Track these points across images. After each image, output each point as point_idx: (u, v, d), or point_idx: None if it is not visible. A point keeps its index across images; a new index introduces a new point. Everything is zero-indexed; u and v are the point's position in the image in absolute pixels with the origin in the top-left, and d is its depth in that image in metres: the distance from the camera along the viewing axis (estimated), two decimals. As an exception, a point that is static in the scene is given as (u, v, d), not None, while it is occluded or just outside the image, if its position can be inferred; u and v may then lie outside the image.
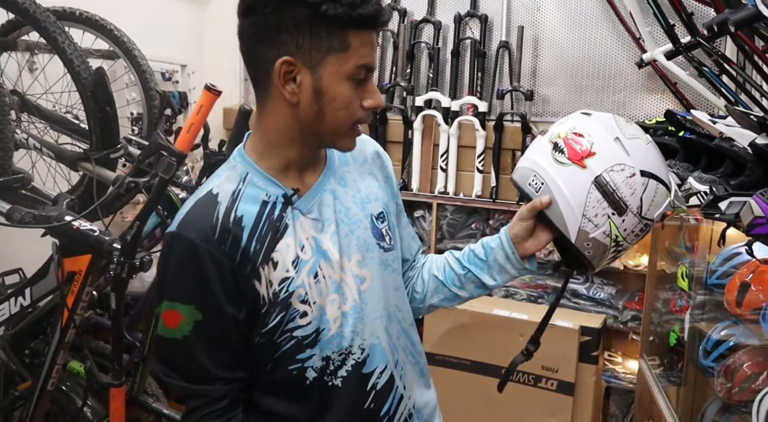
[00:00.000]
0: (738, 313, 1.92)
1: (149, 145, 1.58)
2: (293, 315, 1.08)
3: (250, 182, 1.09)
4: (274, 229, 1.07)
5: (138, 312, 2.22)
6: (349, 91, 1.03)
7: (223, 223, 1.04)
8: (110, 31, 2.21)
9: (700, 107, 2.70)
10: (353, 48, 1.01)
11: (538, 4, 3.19)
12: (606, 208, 1.14)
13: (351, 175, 1.19)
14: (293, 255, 1.07)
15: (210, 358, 1.07)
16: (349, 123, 1.06)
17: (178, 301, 1.05)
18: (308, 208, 1.11)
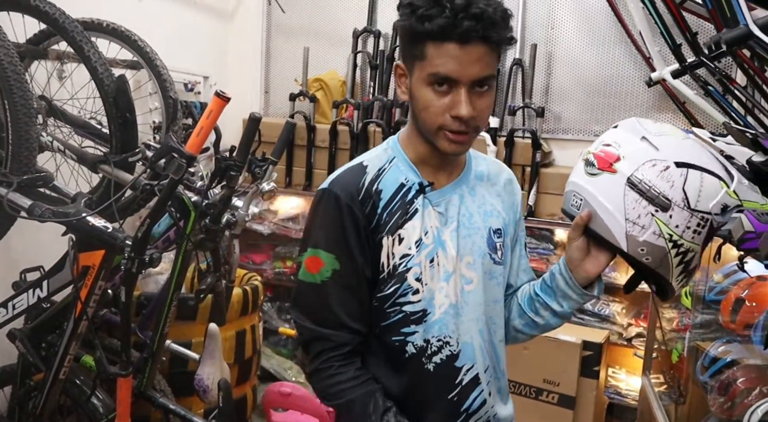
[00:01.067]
0: (732, 329, 1.94)
1: (161, 147, 1.66)
2: (406, 290, 1.20)
3: (395, 165, 1.24)
4: (404, 210, 1.20)
5: (150, 311, 2.29)
6: (429, 96, 1.12)
7: (368, 189, 1.20)
8: (134, 41, 2.33)
9: (708, 126, 2.73)
10: (428, 58, 1.10)
11: (553, 23, 3.26)
12: (647, 207, 1.11)
13: (481, 189, 1.30)
14: (417, 236, 1.20)
15: (342, 306, 1.19)
16: (433, 126, 1.15)
17: (322, 249, 1.19)
18: (437, 201, 1.23)
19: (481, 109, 1.13)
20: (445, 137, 1.15)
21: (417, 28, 1.09)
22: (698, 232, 1.13)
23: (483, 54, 1.09)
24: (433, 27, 1.07)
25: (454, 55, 1.08)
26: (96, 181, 2.32)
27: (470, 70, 1.09)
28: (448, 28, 1.06)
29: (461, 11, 1.05)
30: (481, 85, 1.12)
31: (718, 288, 2.12)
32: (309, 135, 3.52)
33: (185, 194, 1.98)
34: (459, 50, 1.07)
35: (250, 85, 3.90)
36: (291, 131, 2.46)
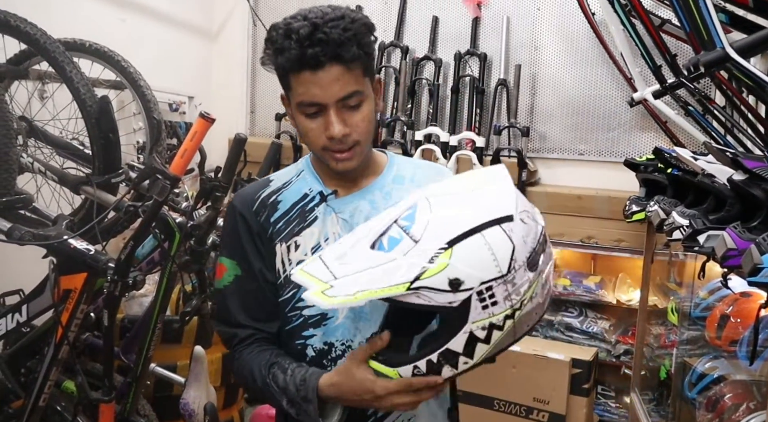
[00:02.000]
0: (718, 345, 1.94)
1: (144, 169, 1.65)
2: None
3: (302, 178, 1.30)
4: (302, 218, 1.25)
5: (134, 334, 2.26)
6: (304, 123, 1.17)
7: (263, 200, 1.27)
8: (117, 62, 2.32)
9: (690, 145, 2.77)
10: (293, 87, 1.15)
11: (536, 44, 3.30)
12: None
13: (400, 193, 1.28)
14: (314, 243, 1.23)
15: (242, 308, 1.25)
16: (317, 148, 1.19)
17: (224, 256, 1.28)
18: (341, 209, 1.26)
19: (355, 124, 1.16)
20: (331, 157, 1.19)
21: (276, 63, 1.14)
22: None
23: (340, 74, 1.12)
24: (285, 61, 1.11)
25: (312, 81, 1.12)
26: (78, 202, 2.29)
27: (330, 91, 1.12)
28: (298, 58, 1.10)
29: (306, 40, 1.09)
30: (349, 101, 1.15)
31: (703, 304, 2.13)
32: (295, 155, 3.52)
33: (170, 215, 1.96)
34: (314, 76, 1.11)
35: (236, 104, 3.90)
36: (277, 151, 2.47)
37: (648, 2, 2.56)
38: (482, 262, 0.97)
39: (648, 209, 2.27)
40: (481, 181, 1.11)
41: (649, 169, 2.57)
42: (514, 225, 1.00)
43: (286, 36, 1.11)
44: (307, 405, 1.13)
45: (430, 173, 1.34)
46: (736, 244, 1.46)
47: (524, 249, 1.00)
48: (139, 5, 3.17)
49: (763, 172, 1.44)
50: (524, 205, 1.06)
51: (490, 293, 0.97)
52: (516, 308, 1.00)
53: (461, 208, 1.02)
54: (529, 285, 1.00)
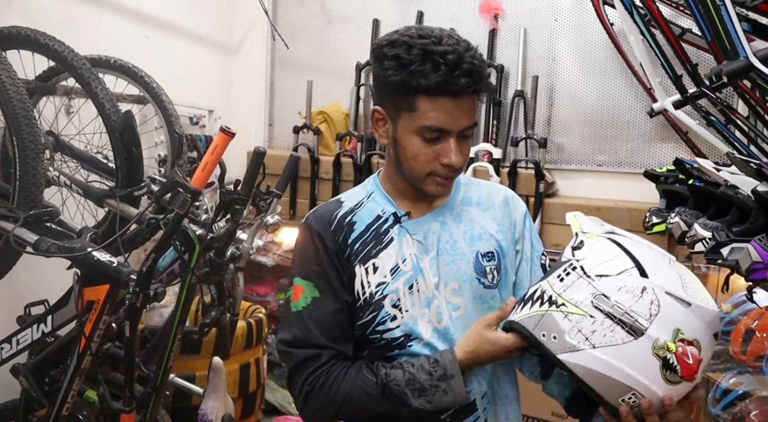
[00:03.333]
0: (743, 360, 1.91)
1: (166, 182, 1.67)
2: (384, 318, 1.22)
3: (373, 199, 1.30)
4: (378, 240, 1.25)
5: (154, 345, 2.28)
6: (418, 145, 1.17)
7: (340, 220, 1.27)
8: (141, 77, 2.36)
9: (712, 155, 2.74)
10: (420, 111, 1.14)
11: (554, 55, 3.29)
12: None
13: (469, 214, 1.31)
14: (393, 264, 1.24)
15: (323, 330, 1.22)
16: (422, 173, 1.20)
17: (301, 278, 1.25)
18: (415, 230, 1.26)
19: (465, 154, 1.19)
20: (433, 182, 1.20)
21: (410, 82, 1.12)
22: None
23: (471, 105, 1.15)
24: (429, 83, 1.10)
25: (447, 108, 1.12)
26: (101, 215, 2.32)
27: (461, 121, 1.14)
28: (444, 84, 1.10)
29: (455, 68, 1.09)
30: (467, 132, 1.17)
31: (727, 318, 2.10)
32: (313, 167, 3.54)
33: (190, 228, 1.98)
34: (452, 104, 1.12)
35: (255, 118, 3.94)
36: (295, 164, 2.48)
37: (668, 11, 2.56)
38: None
39: (669, 221, 2.24)
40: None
41: (669, 180, 2.54)
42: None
43: (428, 57, 1.11)
44: (448, 382, 1.15)
45: (492, 192, 1.36)
46: (762, 257, 1.45)
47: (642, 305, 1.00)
48: (162, 22, 3.23)
49: (788, 183, 1.43)
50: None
51: (572, 268, 1.08)
52: (556, 299, 1.06)
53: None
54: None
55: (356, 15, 3.69)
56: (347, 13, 3.73)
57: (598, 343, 0.99)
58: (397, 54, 1.13)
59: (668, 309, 0.98)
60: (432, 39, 1.12)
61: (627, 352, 0.97)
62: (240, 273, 2.21)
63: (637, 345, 0.97)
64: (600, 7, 2.81)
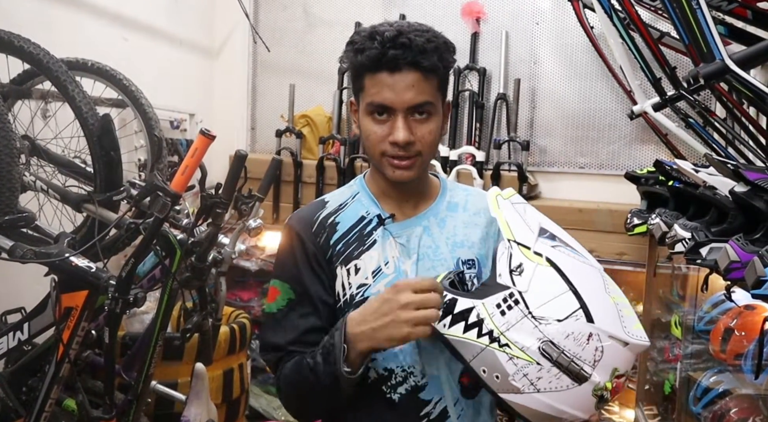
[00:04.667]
0: (722, 359, 1.93)
1: (146, 186, 1.66)
2: None
3: (358, 200, 1.29)
4: (361, 241, 1.24)
5: (135, 352, 2.25)
6: (369, 125, 1.17)
7: (322, 221, 1.26)
8: (119, 80, 2.33)
9: (691, 157, 2.77)
10: (366, 88, 1.16)
11: (536, 58, 3.31)
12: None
13: (453, 220, 1.30)
14: (375, 266, 1.23)
15: (296, 332, 1.22)
16: (376, 153, 1.19)
17: (277, 278, 1.26)
18: (398, 233, 1.25)
19: (421, 135, 1.16)
20: (388, 163, 1.19)
21: (354, 61, 1.16)
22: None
23: (415, 80, 1.13)
24: (364, 59, 1.13)
25: (386, 83, 1.13)
26: (80, 220, 2.29)
27: (403, 96, 1.13)
28: (378, 57, 1.12)
29: (389, 41, 1.11)
30: (419, 111, 1.15)
31: (707, 318, 2.12)
32: (296, 171, 3.53)
33: (171, 232, 1.96)
34: (390, 78, 1.13)
35: (237, 121, 3.92)
36: (277, 167, 2.47)
37: (647, 15, 2.58)
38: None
39: (649, 222, 2.26)
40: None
41: (650, 182, 2.57)
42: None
43: (370, 37, 1.14)
44: (333, 336, 1.11)
45: (478, 199, 1.34)
46: (739, 257, 1.46)
47: (571, 341, 1.00)
48: (141, 24, 3.20)
49: (765, 183, 1.44)
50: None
51: (513, 300, 1.04)
52: (499, 337, 1.02)
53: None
54: (526, 350, 1.01)
55: (338, 18, 3.68)
56: (329, 16, 3.72)
57: (543, 388, 1.01)
58: (352, 39, 1.18)
59: (610, 352, 1.00)
60: (386, 24, 1.16)
61: (570, 396, 1.01)
62: (222, 278, 2.19)
63: (579, 390, 1.01)
64: (580, 11, 2.83)
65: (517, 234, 1.11)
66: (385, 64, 1.12)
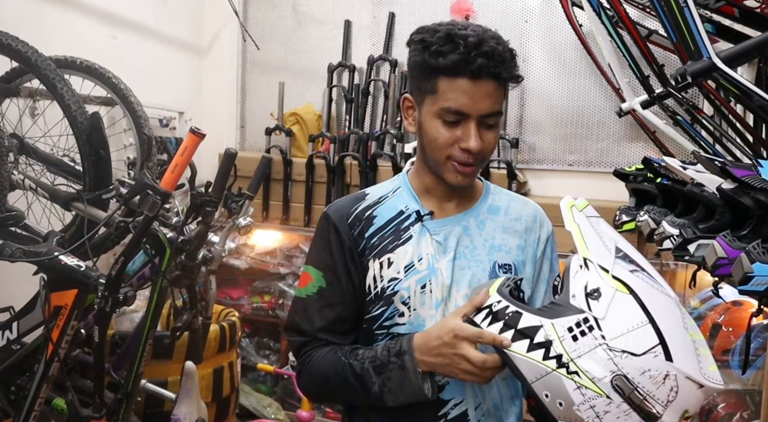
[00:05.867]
0: (710, 354, 1.94)
1: (135, 184, 1.65)
2: (393, 313, 1.22)
3: (398, 194, 1.29)
4: (396, 235, 1.24)
5: (125, 350, 2.25)
6: (439, 129, 1.16)
7: (359, 214, 1.26)
8: (108, 78, 2.32)
9: (679, 154, 2.79)
10: (440, 92, 1.14)
11: (525, 56, 3.32)
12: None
13: (493, 223, 1.29)
14: (408, 261, 1.22)
15: (323, 320, 1.23)
16: (441, 157, 1.18)
17: (311, 265, 1.27)
18: (436, 230, 1.25)
19: (488, 142, 1.17)
20: (452, 168, 1.18)
21: (430, 63, 1.14)
22: None
23: (493, 90, 1.13)
24: (447, 62, 1.11)
25: (466, 89, 1.12)
26: (69, 218, 2.28)
27: (480, 104, 1.13)
28: (461, 63, 1.11)
29: (474, 48, 1.10)
30: (489, 119, 1.16)
31: (695, 313, 2.14)
32: (285, 169, 3.52)
33: (160, 231, 1.96)
34: (471, 85, 1.12)
35: (226, 120, 3.91)
36: (267, 166, 2.47)
37: (635, 13, 2.60)
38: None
39: (638, 219, 2.27)
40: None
41: (638, 179, 2.58)
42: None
43: (449, 40, 1.12)
44: (401, 358, 1.12)
45: (520, 206, 1.35)
46: (726, 253, 1.47)
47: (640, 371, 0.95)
48: (130, 22, 3.18)
49: (752, 180, 1.45)
50: None
51: (588, 326, 0.98)
52: (568, 363, 0.97)
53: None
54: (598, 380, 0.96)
55: (327, 16, 3.68)
56: (318, 14, 3.72)
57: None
58: (423, 38, 1.16)
59: (684, 393, 0.95)
60: (458, 25, 1.15)
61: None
62: (212, 276, 2.19)
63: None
64: (569, 9, 2.84)
65: (594, 254, 1.06)
66: (468, 70, 1.11)
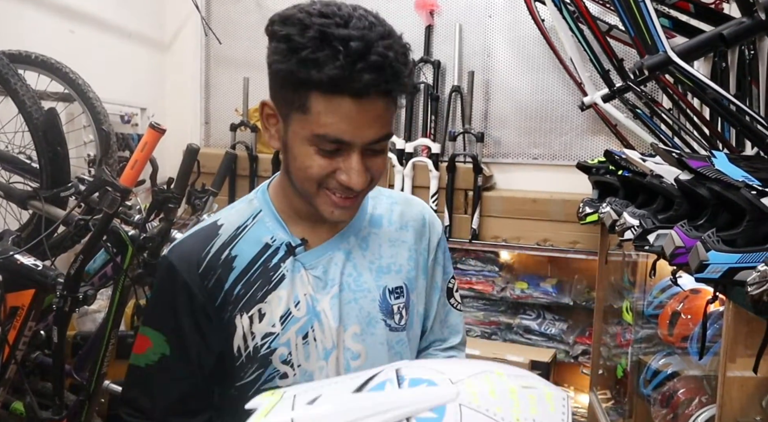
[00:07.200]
0: (670, 342, 1.99)
1: (94, 181, 1.62)
2: (272, 375, 1.00)
3: (260, 221, 1.03)
4: (265, 278, 1.00)
5: (86, 351, 2.20)
6: (311, 157, 0.91)
7: (213, 258, 0.99)
8: (65, 73, 2.27)
9: (639, 147, 2.84)
10: (313, 113, 0.87)
11: (489, 51, 3.35)
12: None
13: (378, 238, 1.08)
14: (283, 310, 0.99)
15: (165, 399, 1.00)
16: (312, 187, 0.94)
17: (150, 326, 1.01)
18: (312, 263, 1.02)
19: (375, 170, 0.94)
20: (328, 200, 0.95)
21: (299, 74, 0.85)
22: None
23: (382, 111, 0.89)
24: (322, 77, 0.84)
25: (348, 113, 0.86)
26: (26, 217, 2.23)
27: (367, 132, 0.89)
28: (342, 79, 0.84)
29: (359, 59, 0.83)
30: (377, 145, 0.92)
31: (655, 302, 2.18)
32: (251, 165, 3.49)
33: (122, 228, 1.93)
34: (354, 107, 0.86)
35: (190, 116, 3.85)
36: (232, 161, 2.45)
37: (595, 8, 2.64)
38: None
39: (600, 211, 2.32)
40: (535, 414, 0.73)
41: (600, 172, 2.63)
42: None
43: (324, 43, 0.84)
44: None
45: (405, 208, 1.14)
46: (684, 242, 1.50)
47: None
48: (88, 16, 3.11)
49: (707, 171, 1.49)
50: None
51: None
52: None
53: None
54: None
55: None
56: (282, 8, 3.66)
57: None
58: (288, 34, 0.87)
59: None
60: (336, 19, 0.86)
61: None
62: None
63: None
64: (531, 4, 2.87)
65: None
66: (352, 89, 0.85)
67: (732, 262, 1.28)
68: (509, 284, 3.23)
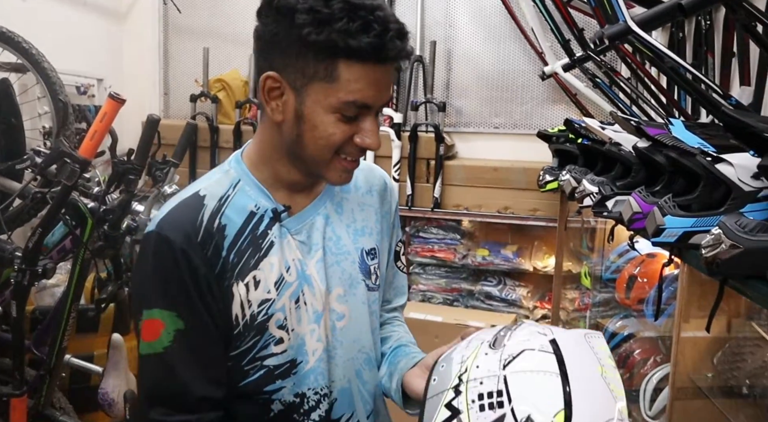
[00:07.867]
0: (627, 305, 2.06)
1: (51, 152, 1.58)
2: (267, 342, 1.00)
3: (241, 190, 1.02)
4: (255, 245, 1.00)
5: (46, 326, 2.17)
6: (334, 124, 0.93)
7: (207, 226, 0.97)
8: (18, 43, 2.19)
9: (598, 115, 2.89)
10: (342, 81, 0.90)
11: (451, 21, 3.34)
12: None
13: (350, 203, 1.12)
14: (277, 276, 1.00)
15: (194, 372, 0.96)
16: (328, 153, 0.96)
17: (159, 308, 0.95)
18: (297, 228, 1.04)
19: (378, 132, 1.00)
20: (339, 166, 0.98)
21: (337, 43, 0.87)
22: None
23: (392, 75, 0.97)
24: (361, 45, 0.87)
25: (374, 79, 0.91)
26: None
27: (385, 95, 0.95)
28: (376, 48, 0.88)
29: (387, 29, 0.89)
30: (381, 108, 0.99)
31: (613, 267, 2.25)
32: (212, 136, 3.44)
33: (81, 201, 1.89)
34: (379, 73, 0.91)
35: (149, 86, 3.76)
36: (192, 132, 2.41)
37: (556, -21, 2.64)
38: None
39: (560, 178, 2.35)
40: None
41: (560, 140, 2.67)
42: None
43: (353, 13, 0.87)
44: None
45: (369, 174, 1.17)
46: (641, 208, 1.54)
47: None
48: (38, -18, 3.00)
49: (664, 138, 1.53)
50: None
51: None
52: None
53: None
54: None
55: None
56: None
57: None
58: (313, 6, 0.88)
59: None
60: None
61: None
62: (138, 246, 2.14)
63: None
64: (493, -27, 2.87)
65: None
66: (380, 57, 0.89)
67: (687, 226, 1.31)
68: (471, 251, 3.27)
